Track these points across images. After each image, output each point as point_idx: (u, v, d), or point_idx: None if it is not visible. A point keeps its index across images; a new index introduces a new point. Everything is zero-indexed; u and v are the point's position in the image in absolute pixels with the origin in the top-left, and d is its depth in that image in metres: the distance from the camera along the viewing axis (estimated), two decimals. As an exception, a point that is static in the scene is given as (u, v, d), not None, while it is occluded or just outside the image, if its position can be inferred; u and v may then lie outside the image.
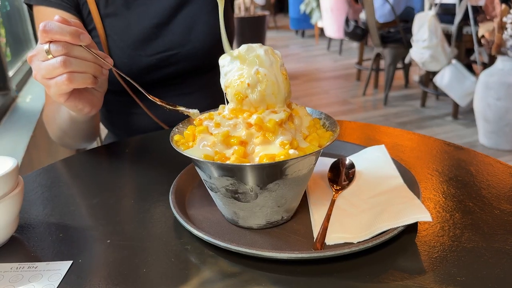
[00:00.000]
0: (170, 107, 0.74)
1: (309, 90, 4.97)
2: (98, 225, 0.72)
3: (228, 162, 0.59)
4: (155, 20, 1.12)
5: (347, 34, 5.00)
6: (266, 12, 6.29)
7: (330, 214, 0.68)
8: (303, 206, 0.72)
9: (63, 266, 0.62)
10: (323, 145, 0.63)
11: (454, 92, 3.60)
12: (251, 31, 5.79)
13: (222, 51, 0.69)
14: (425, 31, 3.64)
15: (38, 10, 1.05)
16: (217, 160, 0.59)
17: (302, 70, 5.82)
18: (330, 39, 6.84)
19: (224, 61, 0.66)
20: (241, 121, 0.62)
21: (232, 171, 0.59)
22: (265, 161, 0.58)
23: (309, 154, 0.59)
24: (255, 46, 0.65)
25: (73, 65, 0.72)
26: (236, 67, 0.64)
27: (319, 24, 7.00)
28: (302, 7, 7.20)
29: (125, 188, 0.85)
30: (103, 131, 1.40)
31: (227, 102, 0.67)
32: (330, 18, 6.18)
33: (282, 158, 0.58)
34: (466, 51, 3.83)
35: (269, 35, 7.77)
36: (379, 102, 4.41)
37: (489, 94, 3.13)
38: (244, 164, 0.57)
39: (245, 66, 0.63)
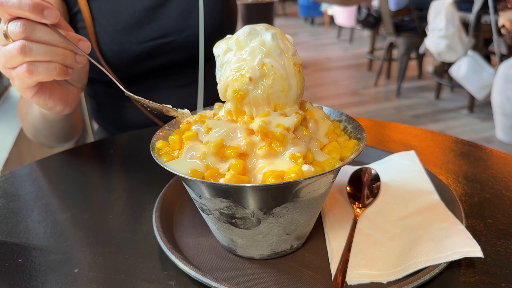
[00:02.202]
0: (150, 105, 0.58)
1: (318, 80, 4.80)
2: (66, 249, 0.59)
3: (222, 181, 0.45)
4: (148, 2, 0.98)
5: (359, 22, 4.81)
6: (275, -1, 6.09)
7: (351, 242, 0.55)
8: (317, 229, 0.59)
9: (14, 306, 0.49)
10: (346, 157, 0.49)
11: (471, 84, 3.42)
12: (259, 18, 5.59)
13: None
14: (441, 20, 3.45)
15: None
16: (207, 177, 0.46)
17: (311, 59, 5.64)
18: (340, 28, 6.64)
19: (219, 49, 0.52)
20: (240, 126, 0.48)
21: (228, 192, 0.45)
22: (270, 180, 0.44)
23: (329, 171, 0.45)
24: (260, 28, 0.50)
25: (33, 52, 0.58)
26: (234, 56, 0.50)
27: (329, 12, 6.79)
28: (312, -6, 7.00)
29: (104, 199, 0.71)
30: (94, 125, 1.28)
31: None
32: (341, 8, 5.97)
33: (293, 176, 0.44)
34: (484, 41, 3.64)
35: (278, 22, 7.57)
36: (391, 93, 4.23)
37: (509, 87, 2.95)
38: (242, 185, 0.43)
39: (246, 55, 0.49)
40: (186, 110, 0.57)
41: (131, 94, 0.61)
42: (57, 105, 0.71)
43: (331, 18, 6.87)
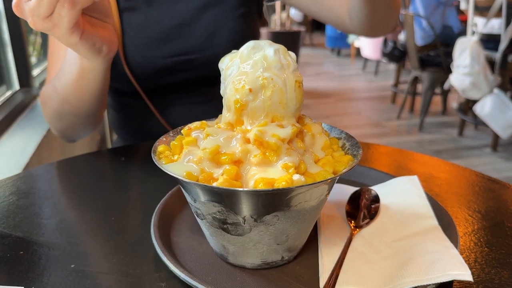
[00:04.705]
0: None
1: (341, 109, 4.81)
2: (65, 245, 0.61)
3: (214, 184, 0.46)
4: (176, 20, 1.02)
5: (384, 54, 4.84)
6: (302, 28, 6.19)
7: (344, 258, 0.55)
8: (311, 244, 0.59)
9: (10, 294, 0.51)
10: (339, 171, 0.50)
11: (495, 122, 3.37)
12: (285, 46, 5.69)
13: None
14: (466, 57, 3.44)
15: None
16: (201, 180, 0.47)
17: (334, 89, 5.67)
18: (366, 60, 6.67)
19: (223, 64, 0.54)
20: (237, 135, 0.50)
21: (220, 196, 0.47)
22: (260, 186, 0.45)
23: (319, 182, 0.46)
24: (264, 43, 0.53)
25: None
26: (237, 69, 0.52)
27: (356, 44, 6.84)
28: (340, 26, 7.06)
29: (109, 202, 0.74)
30: (114, 136, 1.32)
31: None
32: (368, 38, 6.02)
33: (283, 184, 0.45)
34: (510, 80, 3.60)
35: (304, 52, 7.67)
36: (413, 127, 4.20)
37: (535, 127, 2.90)
38: (233, 189, 0.45)
39: (248, 68, 0.51)
40: None
41: None
42: (104, 43, 0.71)
43: (358, 50, 6.92)
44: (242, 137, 0.49)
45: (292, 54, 0.54)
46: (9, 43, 1.93)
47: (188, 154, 0.50)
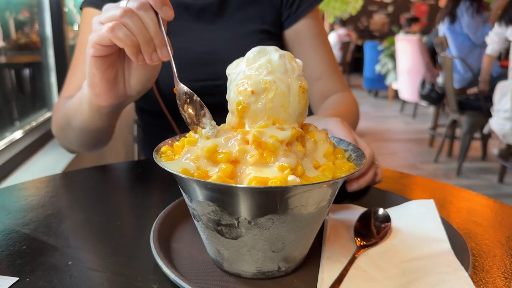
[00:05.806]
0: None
1: (375, 149, 4.64)
2: (67, 244, 0.61)
3: (209, 180, 0.46)
4: (205, 47, 1.06)
5: (421, 96, 4.77)
6: (340, 69, 6.22)
7: (345, 275, 0.52)
8: (313, 259, 0.57)
9: (5, 282, 0.51)
10: (338, 177, 0.48)
11: (539, 170, 3.21)
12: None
13: None
14: (507, 101, 3.34)
15: (88, 12, 1.04)
16: (196, 177, 0.47)
17: (370, 129, 5.60)
18: (403, 102, 6.59)
19: (229, 69, 0.55)
20: (237, 136, 0.49)
21: (213, 193, 0.46)
22: (253, 184, 0.44)
23: (314, 183, 0.44)
24: (270, 49, 0.53)
25: (131, 19, 0.63)
26: (242, 73, 0.52)
27: (394, 86, 6.79)
28: (378, 68, 7.05)
29: (119, 208, 0.74)
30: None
31: None
32: (406, 80, 5.96)
33: (277, 184, 0.44)
34: (555, 126, 3.44)
35: (341, 92, 7.66)
36: (451, 171, 4.06)
37: None
38: (225, 184, 0.44)
39: (252, 71, 0.51)
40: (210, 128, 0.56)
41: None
42: (100, 82, 0.72)
43: (395, 92, 6.86)
44: (242, 138, 0.49)
45: (299, 61, 0.54)
46: (54, 68, 2.04)
47: (187, 153, 0.50)
